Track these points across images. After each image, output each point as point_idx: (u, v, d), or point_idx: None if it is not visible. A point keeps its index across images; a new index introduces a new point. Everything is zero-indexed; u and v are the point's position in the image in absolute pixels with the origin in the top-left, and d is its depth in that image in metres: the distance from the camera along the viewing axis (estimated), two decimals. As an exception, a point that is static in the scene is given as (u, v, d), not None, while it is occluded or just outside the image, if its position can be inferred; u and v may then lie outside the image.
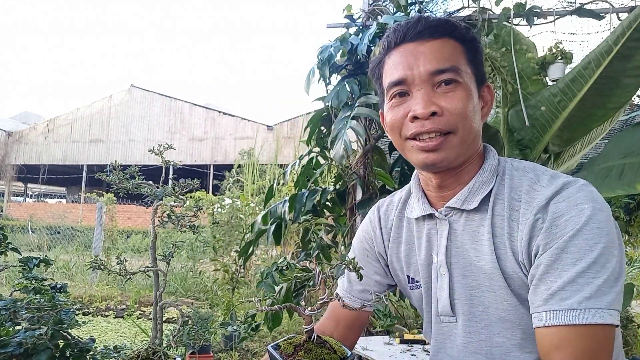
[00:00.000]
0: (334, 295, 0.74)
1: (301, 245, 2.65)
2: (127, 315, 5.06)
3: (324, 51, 2.43)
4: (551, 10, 2.45)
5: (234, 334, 3.88)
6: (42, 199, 31.74)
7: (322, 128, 2.61)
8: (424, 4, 2.75)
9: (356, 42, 2.40)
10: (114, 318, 5.20)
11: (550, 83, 2.42)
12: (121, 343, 1.04)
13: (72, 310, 0.97)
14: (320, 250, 2.44)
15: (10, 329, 0.92)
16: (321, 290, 0.70)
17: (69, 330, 0.94)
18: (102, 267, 0.94)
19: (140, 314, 5.22)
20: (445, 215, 0.89)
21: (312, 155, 2.66)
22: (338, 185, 2.64)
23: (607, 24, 2.42)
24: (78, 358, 0.92)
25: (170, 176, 1.59)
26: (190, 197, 2.87)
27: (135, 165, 1.02)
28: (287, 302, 1.17)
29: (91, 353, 0.94)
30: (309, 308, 0.69)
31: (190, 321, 0.96)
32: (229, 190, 8.57)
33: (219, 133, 20.73)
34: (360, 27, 2.57)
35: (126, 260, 0.95)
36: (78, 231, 10.13)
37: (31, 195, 31.18)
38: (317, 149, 2.62)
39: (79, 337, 0.96)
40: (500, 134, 2.28)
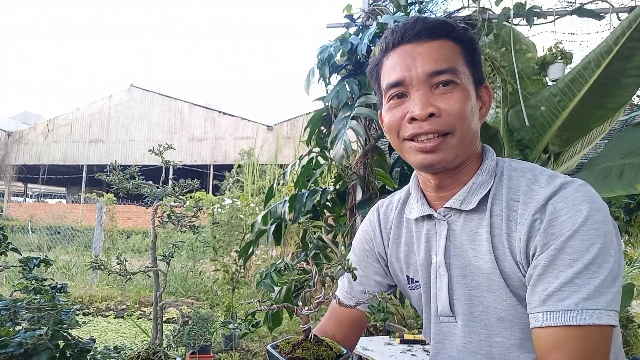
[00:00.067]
0: (332, 296, 0.74)
1: (301, 245, 2.65)
2: (127, 315, 5.07)
3: (324, 51, 2.43)
4: (551, 10, 2.45)
5: (234, 333, 3.89)
6: (42, 199, 31.76)
7: (322, 128, 2.61)
8: (423, 3, 2.75)
9: (356, 42, 2.40)
10: (114, 318, 5.21)
11: (550, 83, 2.42)
12: (121, 343, 1.04)
13: (72, 310, 0.97)
14: (317, 250, 2.44)
15: (11, 329, 0.92)
16: (317, 290, 0.71)
17: (69, 331, 0.94)
18: (102, 267, 0.94)
19: (140, 314, 5.23)
20: (444, 216, 0.90)
21: (312, 155, 2.66)
22: (338, 186, 2.64)
23: (607, 24, 2.42)
24: (78, 358, 0.92)
25: (170, 176, 1.60)
26: (190, 197, 2.87)
27: (135, 166, 1.01)
28: (286, 302, 1.18)
29: (91, 353, 0.94)
30: (306, 308, 0.70)
31: (190, 321, 0.97)
32: (229, 190, 8.57)
33: (219, 133, 20.73)
34: (360, 27, 2.57)
35: (126, 260, 0.95)
36: (78, 231, 10.14)
37: (31, 196, 31.20)
38: (317, 149, 2.62)
39: (79, 337, 0.96)
40: (500, 134, 2.28)
